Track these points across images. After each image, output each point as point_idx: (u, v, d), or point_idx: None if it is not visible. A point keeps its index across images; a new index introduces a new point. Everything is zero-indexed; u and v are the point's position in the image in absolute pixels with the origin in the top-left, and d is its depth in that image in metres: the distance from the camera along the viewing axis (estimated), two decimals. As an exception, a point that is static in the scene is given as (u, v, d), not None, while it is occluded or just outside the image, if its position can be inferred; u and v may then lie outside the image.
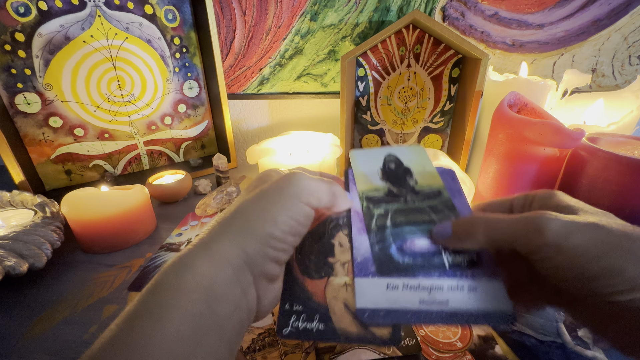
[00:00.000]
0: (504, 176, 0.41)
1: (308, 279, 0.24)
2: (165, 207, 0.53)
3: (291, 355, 0.26)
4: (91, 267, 0.38)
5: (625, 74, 0.59)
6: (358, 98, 0.64)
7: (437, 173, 0.32)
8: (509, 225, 0.21)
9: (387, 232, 0.26)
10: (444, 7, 0.59)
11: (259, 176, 0.24)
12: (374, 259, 0.24)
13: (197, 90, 0.65)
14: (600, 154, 0.33)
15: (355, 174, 0.31)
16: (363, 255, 0.25)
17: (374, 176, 0.32)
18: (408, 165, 0.33)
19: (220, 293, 0.17)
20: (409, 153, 0.35)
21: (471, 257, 0.25)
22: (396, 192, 0.30)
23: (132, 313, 0.16)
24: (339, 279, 0.24)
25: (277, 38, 0.66)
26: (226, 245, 0.19)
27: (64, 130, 0.53)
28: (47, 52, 0.49)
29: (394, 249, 0.25)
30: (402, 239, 0.26)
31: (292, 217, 0.20)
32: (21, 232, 0.35)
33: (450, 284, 0.23)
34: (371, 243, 0.26)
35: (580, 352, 0.26)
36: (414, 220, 0.27)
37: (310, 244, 0.26)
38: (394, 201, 0.29)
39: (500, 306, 0.22)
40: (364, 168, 0.32)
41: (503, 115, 0.39)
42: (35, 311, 0.32)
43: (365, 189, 0.30)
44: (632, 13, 0.54)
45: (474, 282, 0.23)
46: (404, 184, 0.31)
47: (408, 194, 0.30)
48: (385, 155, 0.34)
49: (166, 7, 0.57)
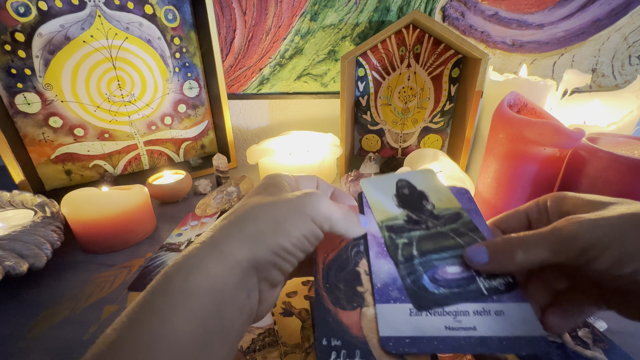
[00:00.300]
0: (504, 176, 0.41)
1: (341, 310, 0.23)
2: (165, 207, 0.53)
3: (291, 355, 0.26)
4: (91, 267, 0.38)
5: (625, 74, 0.59)
6: (358, 98, 0.64)
7: (452, 194, 0.31)
8: (544, 239, 0.20)
9: (415, 262, 0.26)
10: (444, 7, 0.59)
11: (267, 181, 0.23)
12: (409, 294, 0.23)
13: (197, 90, 0.65)
14: (600, 154, 0.33)
15: (370, 203, 0.30)
16: (383, 281, 0.24)
17: (389, 204, 0.31)
18: (422, 189, 0.32)
19: (228, 296, 0.17)
20: (420, 176, 0.34)
21: (506, 279, 0.24)
22: (416, 218, 0.29)
23: (139, 313, 0.15)
24: (372, 310, 0.23)
25: (277, 38, 0.66)
26: (238, 247, 0.18)
27: (64, 130, 0.53)
28: (47, 52, 0.49)
29: (427, 280, 0.24)
30: (433, 268, 0.25)
31: (305, 235, 0.20)
32: (21, 232, 0.35)
33: (476, 308, 0.22)
34: (401, 275, 0.25)
35: (580, 352, 0.26)
36: (441, 247, 0.26)
37: (336, 272, 0.25)
38: (416, 228, 0.28)
39: (532, 331, 0.21)
40: (378, 197, 0.31)
41: (503, 115, 0.39)
42: (35, 311, 0.32)
43: (384, 218, 0.29)
44: (632, 13, 0.54)
45: (501, 305, 0.22)
46: (422, 209, 0.30)
47: (428, 219, 0.29)
48: (396, 182, 0.33)
49: (166, 7, 0.57)
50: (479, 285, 0.24)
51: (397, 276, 0.25)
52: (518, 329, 0.21)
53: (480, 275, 0.24)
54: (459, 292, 0.23)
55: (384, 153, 0.69)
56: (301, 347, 0.27)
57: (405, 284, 0.24)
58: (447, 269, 0.25)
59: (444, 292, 0.23)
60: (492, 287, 0.23)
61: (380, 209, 0.30)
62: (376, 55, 0.60)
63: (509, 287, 0.23)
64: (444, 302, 0.23)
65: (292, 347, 0.27)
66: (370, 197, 0.31)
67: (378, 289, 0.24)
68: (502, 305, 0.22)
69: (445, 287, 0.24)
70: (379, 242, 0.27)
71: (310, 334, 0.28)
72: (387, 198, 0.31)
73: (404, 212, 0.30)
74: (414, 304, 0.23)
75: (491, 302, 0.23)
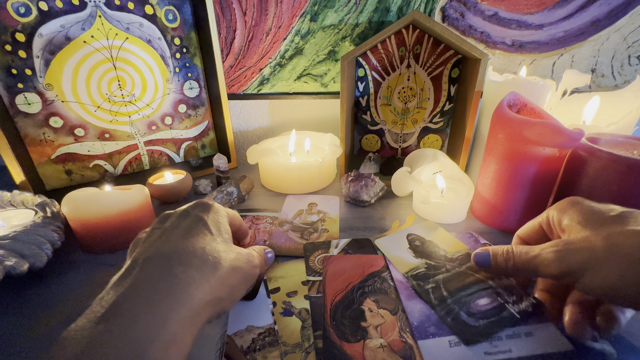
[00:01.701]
0: (504, 176, 0.41)
1: (345, 343, 0.26)
2: (166, 207, 0.53)
3: (291, 355, 0.26)
4: (92, 267, 0.39)
5: (625, 74, 0.59)
6: (358, 98, 0.64)
7: (457, 239, 0.37)
8: (530, 262, 0.24)
9: (448, 302, 0.29)
10: (444, 7, 0.59)
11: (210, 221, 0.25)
12: (454, 332, 0.26)
13: (198, 91, 0.65)
14: (600, 154, 0.33)
15: (390, 259, 0.36)
16: (419, 319, 0.28)
17: (407, 256, 0.36)
18: (430, 238, 0.38)
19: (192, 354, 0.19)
20: (425, 229, 0.41)
21: (531, 301, 0.28)
22: (434, 264, 0.34)
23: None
24: (374, 341, 0.26)
25: (277, 38, 0.66)
26: (205, 308, 0.20)
27: (65, 130, 0.53)
28: (47, 53, 0.49)
29: (465, 316, 0.27)
30: (466, 304, 0.28)
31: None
32: (22, 231, 0.35)
33: (507, 332, 0.25)
34: (440, 316, 0.28)
35: (589, 345, 0.26)
36: (465, 284, 0.30)
37: (342, 311, 0.29)
38: (438, 273, 0.32)
39: (561, 347, 0.24)
40: (395, 252, 0.37)
41: (503, 115, 0.39)
42: (35, 311, 0.32)
43: (407, 270, 0.33)
44: (632, 13, 0.54)
45: (528, 327, 0.26)
46: (438, 255, 0.35)
47: (445, 262, 0.34)
48: (406, 236, 0.40)
49: (166, 8, 0.57)
50: (511, 310, 0.27)
51: (430, 313, 0.28)
52: (549, 347, 0.24)
53: (508, 302, 0.28)
54: (496, 320, 0.26)
55: (383, 153, 0.69)
56: (301, 347, 0.27)
57: (446, 323, 0.27)
58: (479, 302, 0.28)
59: (483, 322, 0.26)
60: (521, 310, 0.27)
61: (401, 263, 0.35)
62: (376, 56, 0.60)
63: (535, 307, 0.27)
64: (487, 332, 0.26)
65: (292, 347, 0.27)
66: (388, 254, 0.36)
67: (416, 327, 0.27)
68: (529, 327, 0.25)
69: (482, 319, 0.27)
70: (406, 286, 0.31)
71: (310, 334, 0.28)
72: (404, 252, 0.36)
73: (422, 260, 0.34)
74: (462, 340, 0.25)
75: (519, 326, 0.26)
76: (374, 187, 0.51)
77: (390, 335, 0.27)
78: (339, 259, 0.37)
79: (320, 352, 0.26)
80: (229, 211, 0.28)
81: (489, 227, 0.44)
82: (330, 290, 0.31)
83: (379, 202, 0.52)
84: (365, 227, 0.45)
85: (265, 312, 0.31)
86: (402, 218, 0.47)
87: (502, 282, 0.30)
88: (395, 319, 0.28)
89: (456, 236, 0.37)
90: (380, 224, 0.46)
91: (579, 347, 0.25)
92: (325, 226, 0.45)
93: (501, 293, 0.29)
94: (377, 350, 0.25)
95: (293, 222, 0.46)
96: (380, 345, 0.25)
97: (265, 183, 0.60)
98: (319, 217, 0.48)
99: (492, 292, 0.29)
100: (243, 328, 0.29)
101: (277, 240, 0.42)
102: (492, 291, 0.29)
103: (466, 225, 0.45)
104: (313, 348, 0.26)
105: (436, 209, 0.45)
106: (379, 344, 0.25)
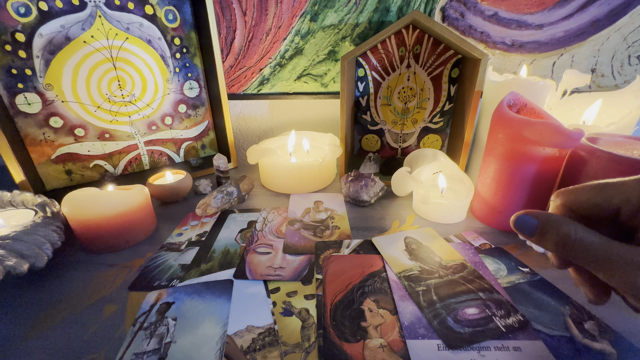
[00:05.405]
0: (504, 176, 0.41)
1: (345, 343, 0.26)
2: (166, 207, 0.53)
3: (291, 355, 0.26)
4: (92, 267, 0.39)
5: (625, 74, 0.59)
6: (358, 98, 0.64)
7: (454, 248, 0.37)
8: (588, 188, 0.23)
9: (437, 306, 0.29)
10: (444, 7, 0.59)
11: None
12: (439, 335, 0.27)
13: (198, 91, 0.65)
14: (600, 154, 0.33)
15: (385, 257, 0.36)
16: (409, 320, 0.28)
17: (402, 257, 0.36)
18: (427, 244, 0.39)
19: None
20: (423, 234, 0.41)
21: (518, 317, 0.28)
22: (428, 269, 0.34)
23: None
24: (374, 341, 0.26)
25: (277, 38, 0.66)
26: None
27: (65, 130, 0.53)
28: (47, 53, 0.49)
29: (451, 322, 0.28)
30: (454, 310, 0.29)
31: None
32: (22, 231, 0.35)
33: (496, 344, 0.26)
34: (427, 318, 0.28)
35: (589, 345, 0.26)
36: (456, 292, 0.31)
37: (342, 311, 0.29)
38: (430, 277, 0.33)
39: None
40: (391, 251, 0.37)
41: (502, 115, 0.39)
42: (35, 311, 0.32)
43: (401, 270, 0.34)
44: (632, 13, 0.54)
45: (517, 342, 0.26)
46: (432, 261, 0.36)
47: (439, 269, 0.34)
48: (404, 238, 0.40)
49: (166, 8, 0.57)
50: (497, 323, 0.27)
51: (421, 315, 0.28)
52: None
53: (496, 315, 0.28)
54: (482, 330, 0.27)
55: (383, 153, 0.69)
56: (301, 346, 0.27)
57: (432, 326, 0.27)
58: (467, 311, 0.29)
59: (469, 330, 0.27)
60: (508, 324, 0.27)
61: (396, 263, 0.35)
62: (376, 56, 0.60)
63: (521, 324, 0.27)
64: (471, 340, 0.26)
65: (292, 347, 0.27)
66: (384, 252, 0.37)
67: (406, 327, 0.27)
68: (518, 342, 0.26)
69: (468, 327, 0.27)
70: (400, 287, 0.32)
71: (310, 334, 0.28)
72: (400, 253, 0.37)
73: (416, 264, 0.35)
74: (445, 343, 0.26)
75: (508, 340, 0.26)
76: (374, 187, 0.51)
77: (390, 335, 0.27)
78: (339, 258, 0.37)
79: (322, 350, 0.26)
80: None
81: (488, 227, 0.44)
82: (330, 290, 0.31)
83: (379, 202, 0.52)
84: (365, 227, 0.45)
85: (265, 312, 0.31)
86: (402, 218, 0.47)
87: (492, 296, 0.30)
88: (395, 319, 0.28)
89: (453, 246, 0.38)
90: (380, 224, 0.46)
91: (580, 349, 0.25)
92: (335, 223, 0.46)
93: (490, 306, 0.29)
94: (377, 350, 0.25)
95: (303, 221, 0.47)
96: (380, 345, 0.25)
97: (265, 183, 0.60)
98: (327, 214, 0.48)
99: (481, 303, 0.30)
100: (243, 328, 0.29)
101: (291, 240, 0.42)
102: (482, 303, 0.30)
103: (466, 225, 0.45)
104: (313, 348, 0.26)
105: (436, 209, 0.45)
106: (378, 344, 0.25)
